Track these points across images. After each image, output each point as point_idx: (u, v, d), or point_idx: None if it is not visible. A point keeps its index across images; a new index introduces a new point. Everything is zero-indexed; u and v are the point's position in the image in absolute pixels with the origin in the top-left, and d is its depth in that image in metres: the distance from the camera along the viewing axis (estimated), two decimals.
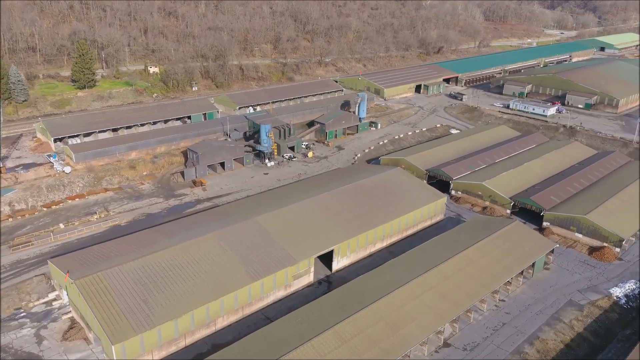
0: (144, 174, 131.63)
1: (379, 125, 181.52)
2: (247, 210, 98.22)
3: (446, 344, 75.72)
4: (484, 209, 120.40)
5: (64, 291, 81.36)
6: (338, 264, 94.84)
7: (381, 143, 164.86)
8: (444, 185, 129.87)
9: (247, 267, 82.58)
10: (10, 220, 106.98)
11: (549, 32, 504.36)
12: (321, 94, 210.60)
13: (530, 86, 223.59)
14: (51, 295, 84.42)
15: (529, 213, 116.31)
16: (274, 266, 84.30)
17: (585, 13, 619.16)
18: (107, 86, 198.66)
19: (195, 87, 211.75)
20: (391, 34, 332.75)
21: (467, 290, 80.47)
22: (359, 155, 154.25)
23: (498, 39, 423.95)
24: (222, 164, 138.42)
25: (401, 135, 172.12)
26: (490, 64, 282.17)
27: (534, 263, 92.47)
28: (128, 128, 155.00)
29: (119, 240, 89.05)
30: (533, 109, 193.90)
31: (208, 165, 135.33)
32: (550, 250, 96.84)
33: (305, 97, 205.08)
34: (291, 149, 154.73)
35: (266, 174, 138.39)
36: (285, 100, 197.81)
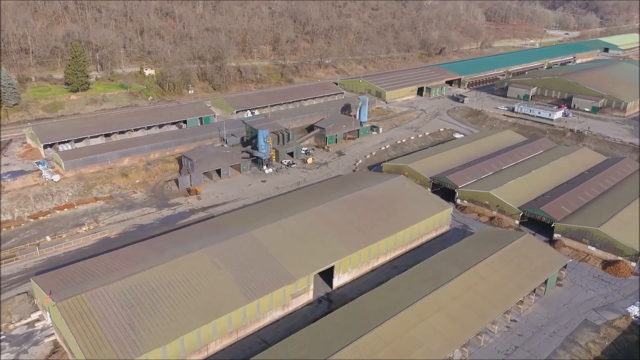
0: (137, 181, 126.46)
1: (381, 130, 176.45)
2: (243, 223, 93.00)
3: None
4: (492, 219, 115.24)
5: (47, 312, 76.23)
6: (339, 280, 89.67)
7: (383, 148, 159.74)
8: (448, 193, 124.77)
9: (242, 287, 77.39)
10: None
11: (551, 33, 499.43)
12: (321, 97, 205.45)
13: (535, 89, 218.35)
14: (34, 316, 79.28)
15: (538, 224, 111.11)
16: (271, 285, 79.11)
17: (587, 13, 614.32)
18: (102, 89, 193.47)
19: (191, 91, 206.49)
20: (392, 35, 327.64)
21: (478, 311, 75.30)
22: (360, 161, 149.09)
23: (500, 39, 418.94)
24: (219, 171, 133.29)
25: (403, 140, 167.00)
26: (494, 65, 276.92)
27: (546, 279, 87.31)
28: (121, 133, 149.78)
29: (106, 256, 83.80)
30: (539, 113, 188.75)
31: (204, 173, 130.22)
32: (563, 265, 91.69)
33: (305, 100, 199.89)
34: (290, 154, 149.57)
35: (264, 181, 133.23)
36: (284, 103, 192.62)
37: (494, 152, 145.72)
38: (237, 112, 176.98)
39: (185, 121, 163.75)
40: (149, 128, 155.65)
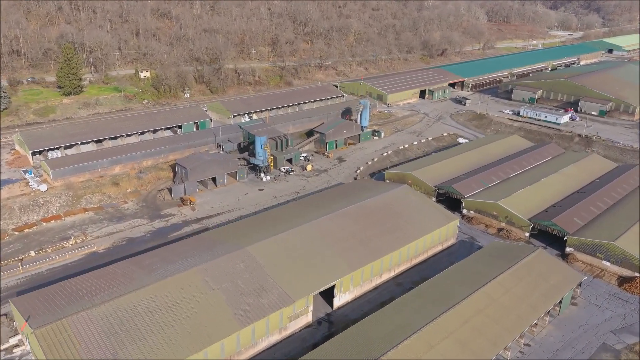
0: (128, 191, 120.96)
1: (382, 134, 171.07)
2: (238, 238, 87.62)
3: None
4: (500, 230, 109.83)
5: (27, 337, 70.79)
6: (340, 299, 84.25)
7: (385, 154, 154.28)
8: (453, 201, 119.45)
9: (236, 309, 71.95)
10: None
11: (554, 33, 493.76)
12: (321, 100, 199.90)
13: (540, 91, 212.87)
14: (12, 341, 73.84)
15: (549, 236, 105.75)
16: (267, 307, 73.67)
17: (589, 13, 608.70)
18: (95, 92, 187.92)
19: (187, 94, 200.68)
20: (393, 36, 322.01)
21: (490, 337, 69.88)
22: (362, 168, 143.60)
23: (502, 40, 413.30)
24: (214, 179, 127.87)
25: (406, 146, 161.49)
26: (497, 67, 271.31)
27: (561, 299, 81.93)
28: (113, 139, 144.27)
29: (90, 275, 78.33)
30: (545, 117, 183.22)
31: (198, 181, 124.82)
32: (578, 283, 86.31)
33: (304, 104, 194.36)
34: (289, 161, 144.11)
35: (261, 190, 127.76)
36: (282, 107, 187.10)
37: (500, 159, 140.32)
38: (234, 117, 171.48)
39: (180, 126, 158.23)
40: (142, 133, 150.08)
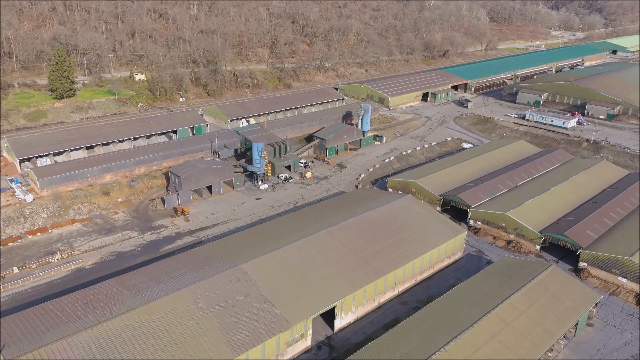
0: (119, 200, 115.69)
1: (384, 139, 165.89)
2: (232, 254, 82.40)
3: None
4: (509, 243, 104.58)
5: None
6: (341, 321, 78.96)
7: (387, 160, 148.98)
8: (459, 211, 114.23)
9: (230, 336, 66.64)
10: None
11: (556, 34, 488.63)
12: (320, 104, 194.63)
13: (546, 94, 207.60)
14: None
15: (560, 249, 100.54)
16: (263, 332, 68.37)
17: (591, 14, 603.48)
18: (88, 95, 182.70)
19: (182, 98, 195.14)
20: (394, 37, 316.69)
21: None
22: (363, 175, 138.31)
23: (504, 41, 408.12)
24: (209, 187, 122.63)
25: (409, 151, 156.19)
26: (500, 69, 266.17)
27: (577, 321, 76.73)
28: (105, 145, 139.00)
29: (74, 295, 72.99)
30: (552, 121, 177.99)
31: (193, 190, 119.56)
32: (595, 302, 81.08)
33: (303, 108, 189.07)
34: (287, 168, 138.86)
35: (258, 198, 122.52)
36: (281, 111, 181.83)
37: (507, 166, 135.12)
38: (231, 121, 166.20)
39: (175, 131, 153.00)
40: (135, 139, 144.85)
